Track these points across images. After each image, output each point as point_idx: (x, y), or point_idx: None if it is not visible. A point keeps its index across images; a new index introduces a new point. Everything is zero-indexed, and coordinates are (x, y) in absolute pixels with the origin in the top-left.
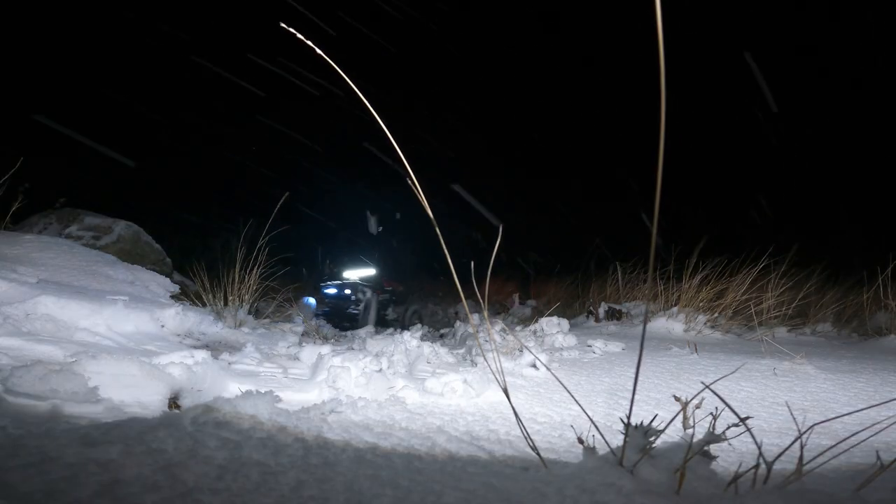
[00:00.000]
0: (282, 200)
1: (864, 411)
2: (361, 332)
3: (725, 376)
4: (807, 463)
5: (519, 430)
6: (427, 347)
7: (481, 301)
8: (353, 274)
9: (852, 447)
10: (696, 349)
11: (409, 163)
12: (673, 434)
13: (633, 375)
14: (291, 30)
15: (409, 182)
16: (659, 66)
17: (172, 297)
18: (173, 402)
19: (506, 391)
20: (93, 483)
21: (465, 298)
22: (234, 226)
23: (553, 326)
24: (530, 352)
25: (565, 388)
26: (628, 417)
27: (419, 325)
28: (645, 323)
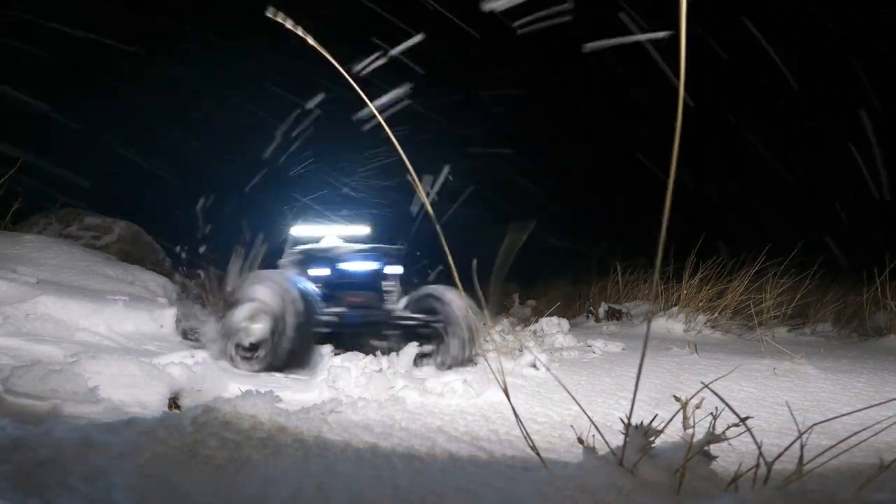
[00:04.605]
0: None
1: (864, 411)
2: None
3: (725, 376)
4: (807, 463)
5: (519, 430)
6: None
7: (482, 300)
8: (329, 232)
9: (852, 447)
10: (696, 349)
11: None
12: (673, 434)
13: (633, 375)
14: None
15: (409, 178)
16: (679, 72)
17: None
18: (173, 402)
19: (506, 391)
20: (92, 484)
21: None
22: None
23: (553, 326)
24: (531, 352)
25: (565, 388)
26: (628, 417)
27: None
28: (648, 324)
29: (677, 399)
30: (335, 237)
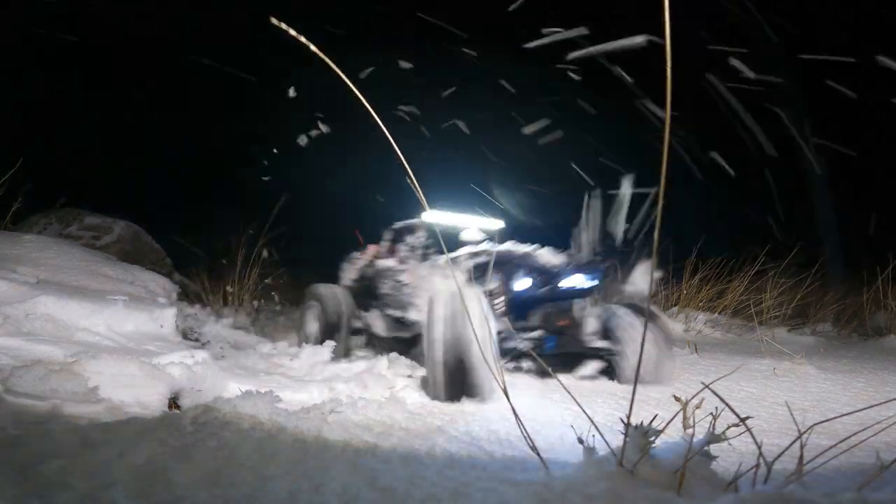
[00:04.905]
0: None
1: (864, 411)
2: None
3: (725, 376)
4: (807, 463)
5: (519, 431)
6: None
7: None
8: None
9: (852, 447)
10: (696, 349)
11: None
12: (673, 434)
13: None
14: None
15: (409, 181)
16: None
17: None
18: (173, 402)
19: (505, 391)
20: (91, 483)
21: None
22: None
23: None
24: (530, 352)
25: (565, 388)
26: (628, 417)
27: None
28: (645, 323)
29: (677, 399)
30: (476, 230)
